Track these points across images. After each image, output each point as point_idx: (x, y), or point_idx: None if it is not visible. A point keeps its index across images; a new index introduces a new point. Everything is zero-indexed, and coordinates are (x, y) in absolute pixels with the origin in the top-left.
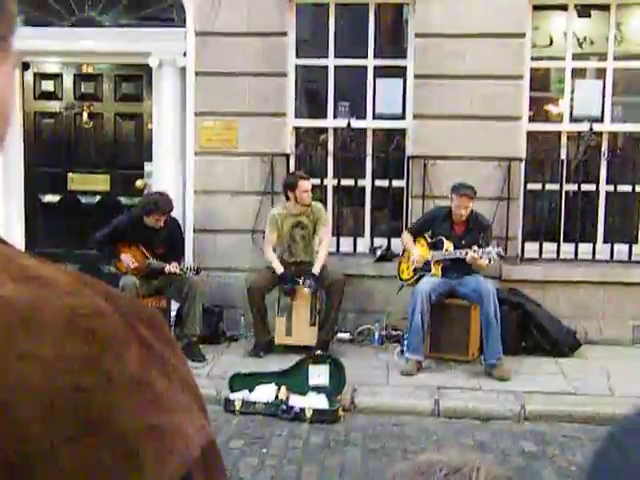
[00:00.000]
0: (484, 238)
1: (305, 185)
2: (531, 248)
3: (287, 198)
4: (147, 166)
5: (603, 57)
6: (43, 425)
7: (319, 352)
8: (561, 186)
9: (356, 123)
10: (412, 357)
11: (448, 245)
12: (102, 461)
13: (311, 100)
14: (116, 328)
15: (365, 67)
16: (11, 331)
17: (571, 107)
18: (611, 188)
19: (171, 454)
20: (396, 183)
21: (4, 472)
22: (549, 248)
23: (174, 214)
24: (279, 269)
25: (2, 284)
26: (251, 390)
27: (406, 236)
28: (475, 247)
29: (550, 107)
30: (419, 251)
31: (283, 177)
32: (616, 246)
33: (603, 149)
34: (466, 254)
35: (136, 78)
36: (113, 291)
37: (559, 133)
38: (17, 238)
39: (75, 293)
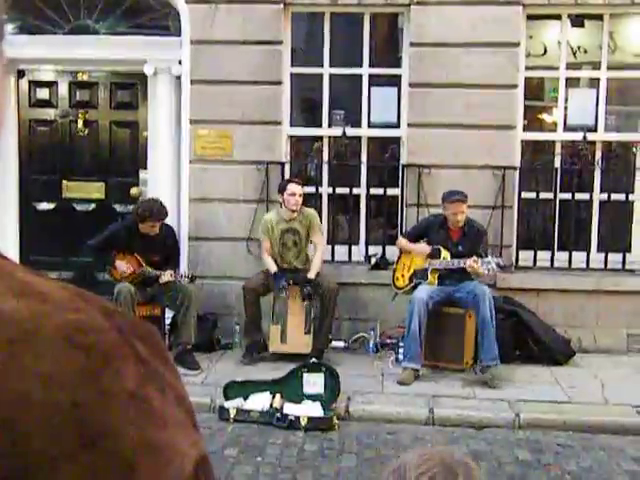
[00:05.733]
0: (482, 248)
1: (292, 188)
2: (525, 256)
3: (280, 204)
4: (142, 174)
5: (597, 66)
6: (43, 440)
7: (314, 360)
8: (555, 195)
9: (351, 131)
10: (409, 365)
11: (445, 254)
12: (100, 476)
13: (306, 108)
14: (114, 344)
15: (360, 76)
16: (12, 347)
17: (565, 116)
18: (605, 197)
19: (167, 469)
20: (391, 191)
21: None
22: (543, 256)
23: (169, 222)
24: (272, 268)
25: (4, 300)
26: (246, 398)
27: (403, 240)
28: (475, 257)
29: (544, 116)
30: (422, 245)
31: (278, 185)
32: (610, 255)
33: (597, 158)
34: (464, 263)
35: (131, 86)
36: (110, 306)
37: (553, 142)
38: (12, 246)
39: (75, 309)
